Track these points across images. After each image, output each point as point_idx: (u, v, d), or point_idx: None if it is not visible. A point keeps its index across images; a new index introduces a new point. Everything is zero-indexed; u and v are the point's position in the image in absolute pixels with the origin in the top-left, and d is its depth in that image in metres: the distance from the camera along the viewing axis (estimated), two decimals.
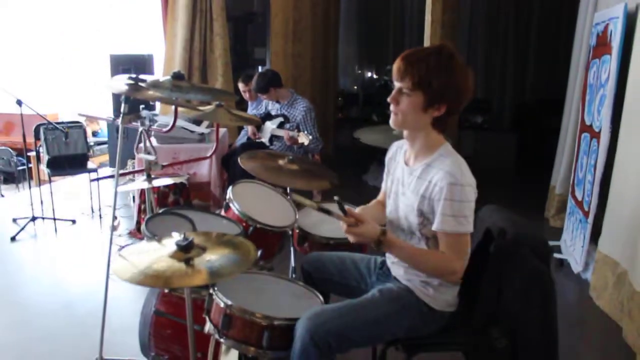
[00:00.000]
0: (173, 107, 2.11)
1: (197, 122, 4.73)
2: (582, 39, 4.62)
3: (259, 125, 4.63)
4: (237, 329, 1.66)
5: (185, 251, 1.42)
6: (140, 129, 2.03)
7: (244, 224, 2.32)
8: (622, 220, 3.15)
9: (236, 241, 1.61)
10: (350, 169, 6.76)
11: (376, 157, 7.26)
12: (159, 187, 3.99)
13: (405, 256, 1.72)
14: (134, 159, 6.39)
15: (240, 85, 4.99)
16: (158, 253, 1.47)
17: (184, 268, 1.37)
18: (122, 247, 4.04)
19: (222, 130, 5.09)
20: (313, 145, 4.25)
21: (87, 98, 7.74)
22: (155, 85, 1.98)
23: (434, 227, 1.67)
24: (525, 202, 5.32)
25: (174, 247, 1.45)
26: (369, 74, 9.51)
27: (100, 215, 4.89)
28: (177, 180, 2.07)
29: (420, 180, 1.72)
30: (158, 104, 6.01)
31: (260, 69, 8.67)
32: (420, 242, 1.76)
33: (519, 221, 1.97)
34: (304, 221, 2.57)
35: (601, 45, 3.79)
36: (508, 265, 1.76)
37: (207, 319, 1.77)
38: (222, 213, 2.47)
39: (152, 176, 2.07)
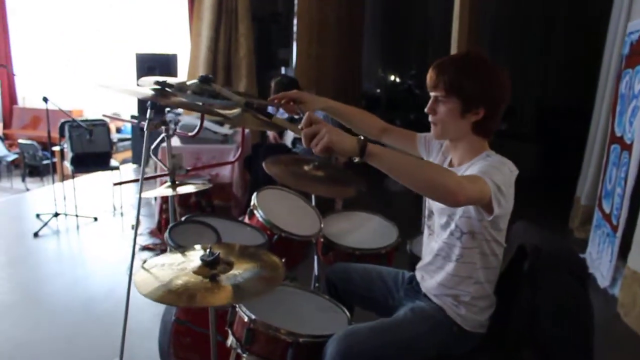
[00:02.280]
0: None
1: (221, 123, 4.72)
2: (613, 48, 4.50)
3: (281, 131, 4.61)
4: (260, 345, 1.63)
5: (211, 267, 1.38)
6: (163, 135, 2.00)
7: (268, 232, 2.29)
8: None
9: (263, 256, 1.56)
10: (370, 173, 6.69)
11: None
12: None
13: (398, 160, 1.36)
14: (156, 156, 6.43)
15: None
16: (182, 267, 1.43)
17: (209, 285, 1.33)
18: (142, 247, 4.05)
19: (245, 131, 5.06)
20: None
21: (112, 95, 7.80)
22: (182, 89, 1.95)
23: None
24: (549, 212, 5.20)
25: (198, 262, 1.41)
26: (392, 78, 9.44)
27: (121, 213, 4.90)
28: (199, 186, 2.02)
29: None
30: None
31: (283, 70, 8.66)
32: (451, 236, 1.68)
33: (554, 239, 1.91)
34: (329, 230, 2.53)
35: (636, 55, 3.68)
36: (543, 285, 1.70)
37: (229, 332, 1.73)
38: (246, 219, 2.44)
39: (177, 182, 2.04)
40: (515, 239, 2.02)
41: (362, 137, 1.36)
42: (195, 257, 1.46)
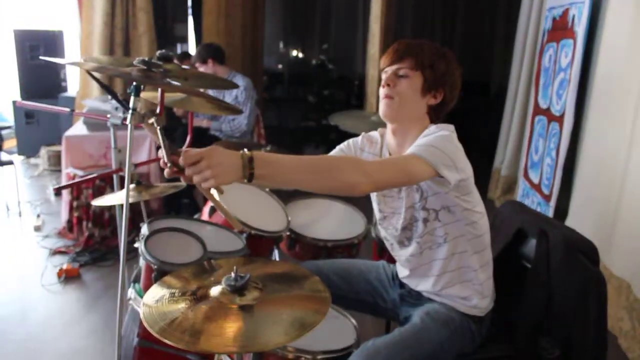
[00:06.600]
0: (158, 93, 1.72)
1: (127, 101, 4.22)
2: (527, 23, 4.62)
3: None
4: None
5: (241, 293, 1.07)
6: (158, 127, 1.61)
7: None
8: (592, 203, 3.14)
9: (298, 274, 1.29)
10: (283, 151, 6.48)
11: (310, 140, 7.05)
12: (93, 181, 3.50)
13: (295, 165, 1.24)
14: (49, 145, 5.71)
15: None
16: (186, 297, 1.12)
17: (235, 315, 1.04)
18: (53, 251, 3.55)
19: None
20: (235, 126, 4.09)
21: None
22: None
23: None
24: None
25: (207, 288, 1.10)
26: (295, 53, 9.17)
27: (19, 213, 4.24)
28: (168, 188, 1.67)
29: None
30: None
31: (179, 47, 8.11)
32: (428, 222, 1.58)
33: (555, 222, 1.85)
34: (294, 221, 2.30)
35: (559, 30, 3.77)
36: (561, 270, 1.62)
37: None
38: (205, 217, 2.15)
39: (143, 182, 1.67)
40: (508, 221, 1.94)
41: (245, 151, 1.17)
42: (194, 279, 1.16)
